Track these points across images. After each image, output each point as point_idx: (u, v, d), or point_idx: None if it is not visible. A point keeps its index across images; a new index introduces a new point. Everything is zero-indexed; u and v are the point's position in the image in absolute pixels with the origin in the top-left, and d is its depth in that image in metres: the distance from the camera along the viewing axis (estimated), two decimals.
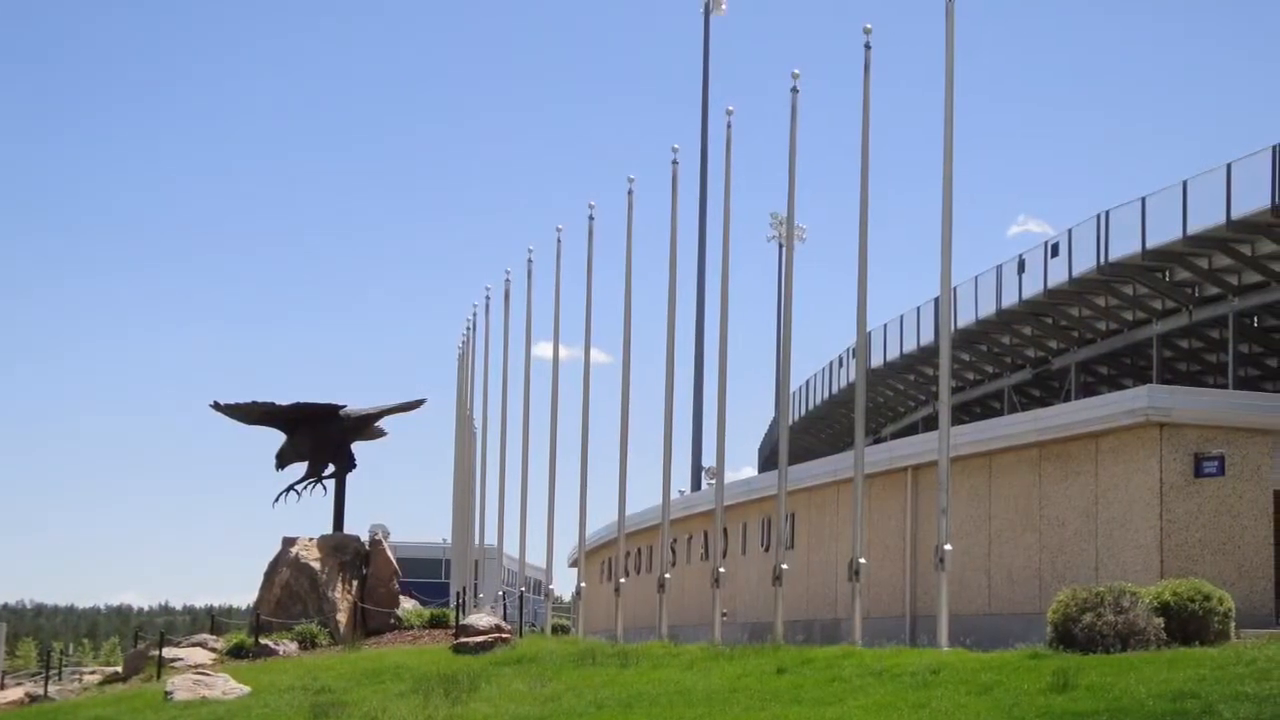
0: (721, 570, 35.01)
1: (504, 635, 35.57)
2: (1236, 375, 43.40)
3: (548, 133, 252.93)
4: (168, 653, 38.73)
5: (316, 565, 42.23)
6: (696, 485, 63.12)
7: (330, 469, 46.22)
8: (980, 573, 34.42)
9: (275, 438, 46.16)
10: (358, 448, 46.90)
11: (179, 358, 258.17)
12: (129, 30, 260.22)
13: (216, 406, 44.69)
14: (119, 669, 42.85)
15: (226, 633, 44.07)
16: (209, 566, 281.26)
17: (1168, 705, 16.89)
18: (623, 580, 41.04)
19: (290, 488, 46.10)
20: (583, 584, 45.90)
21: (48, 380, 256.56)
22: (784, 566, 32.35)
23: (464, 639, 35.12)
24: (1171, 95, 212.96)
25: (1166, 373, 47.82)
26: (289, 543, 43.18)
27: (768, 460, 76.07)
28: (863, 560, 29.75)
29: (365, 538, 44.70)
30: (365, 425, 46.98)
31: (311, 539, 43.46)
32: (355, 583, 42.58)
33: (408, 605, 43.81)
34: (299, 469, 46.18)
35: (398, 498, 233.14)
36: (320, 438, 45.71)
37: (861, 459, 30.90)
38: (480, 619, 37.52)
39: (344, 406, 46.10)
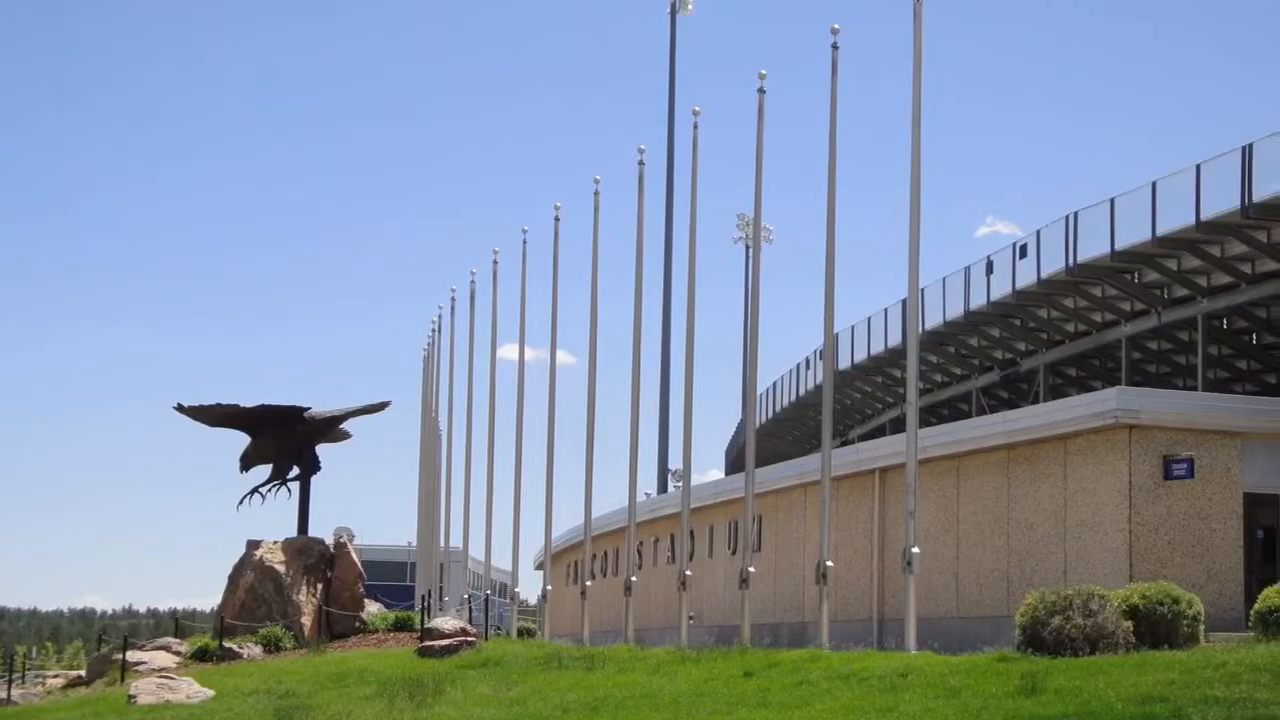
0: (688, 573, 34.88)
1: (469, 638, 35.36)
2: (1206, 377, 43.41)
3: (513, 134, 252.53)
4: (131, 656, 38.39)
5: (281, 568, 41.94)
6: (663, 488, 63.03)
7: (295, 471, 45.93)
8: (948, 576, 34.35)
9: (239, 440, 45.87)
10: (322, 450, 46.66)
11: (142, 359, 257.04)
12: (93, 30, 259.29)
13: (180, 408, 44.36)
14: (82, 673, 42.42)
15: (191, 636, 43.68)
16: (173, 569, 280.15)
17: (1136, 709, 16.78)
18: (589, 583, 40.88)
19: (255, 490, 45.80)
20: (548, 587, 45.76)
21: (10, 382, 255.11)
22: (751, 569, 32.23)
23: (429, 642, 34.92)
24: (1141, 97, 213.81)
25: (1135, 375, 47.86)
26: (253, 546, 42.88)
27: (735, 463, 75.99)
28: (830, 563, 29.64)
29: (330, 541, 44.38)
30: (330, 427, 46.73)
31: (276, 542, 43.17)
32: (320, 586, 42.31)
33: (373, 608, 43.55)
34: (263, 471, 45.87)
35: (363, 500, 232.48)
36: (285, 440, 45.44)
37: (829, 461, 30.80)
38: (445, 622, 37.31)
39: (308, 408, 45.83)
